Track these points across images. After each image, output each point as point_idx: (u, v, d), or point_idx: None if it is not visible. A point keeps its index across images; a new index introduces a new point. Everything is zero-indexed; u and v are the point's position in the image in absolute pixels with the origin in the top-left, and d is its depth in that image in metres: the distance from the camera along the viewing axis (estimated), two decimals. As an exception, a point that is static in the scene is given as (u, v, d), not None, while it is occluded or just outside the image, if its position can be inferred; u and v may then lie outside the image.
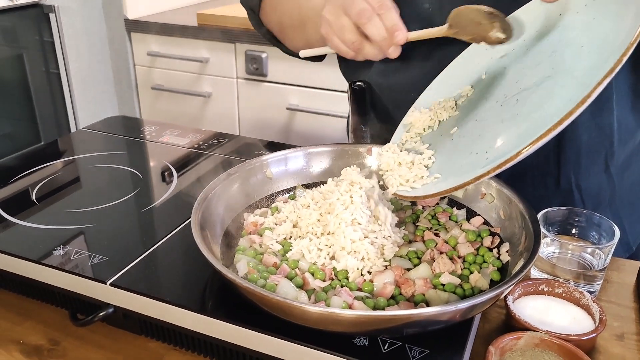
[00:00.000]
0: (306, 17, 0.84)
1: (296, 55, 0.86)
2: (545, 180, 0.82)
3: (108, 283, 0.60)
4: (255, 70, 1.90)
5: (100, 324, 0.64)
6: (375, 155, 0.75)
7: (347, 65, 0.92)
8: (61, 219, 0.73)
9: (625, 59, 0.49)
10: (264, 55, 1.86)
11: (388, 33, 0.64)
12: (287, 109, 1.90)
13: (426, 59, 0.79)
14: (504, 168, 0.52)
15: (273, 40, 0.93)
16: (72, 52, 2.04)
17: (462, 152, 0.62)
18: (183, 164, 0.90)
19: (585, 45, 0.57)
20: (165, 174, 0.87)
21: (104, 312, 0.61)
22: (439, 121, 0.70)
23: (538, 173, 0.82)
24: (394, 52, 0.65)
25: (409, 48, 0.79)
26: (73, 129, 2.11)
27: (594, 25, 0.58)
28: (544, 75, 0.59)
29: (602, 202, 0.85)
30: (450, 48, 0.73)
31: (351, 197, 0.63)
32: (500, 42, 0.66)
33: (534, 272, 0.70)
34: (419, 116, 0.71)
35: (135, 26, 2.05)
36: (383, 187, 0.67)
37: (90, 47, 2.10)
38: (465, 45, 0.72)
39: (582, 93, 0.49)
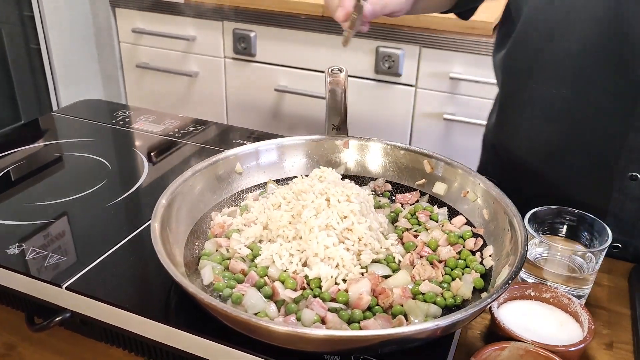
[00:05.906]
0: None
1: None
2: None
3: (64, 287, 0.57)
4: (244, 49, 1.85)
5: (59, 328, 0.61)
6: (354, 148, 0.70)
7: None
8: (19, 213, 0.69)
9: None
10: (252, 35, 1.81)
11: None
12: (276, 90, 1.86)
13: None
14: None
15: None
16: (54, 28, 1.97)
17: None
18: (155, 153, 0.85)
19: None
20: (136, 164, 0.82)
21: (60, 317, 0.58)
22: None
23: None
24: (339, 15, 0.66)
25: None
26: (55, 108, 2.06)
27: None
28: None
29: None
30: None
31: (327, 199, 0.59)
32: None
33: (521, 274, 0.67)
34: None
35: (120, 1, 1.99)
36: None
37: (73, 22, 2.04)
38: None
39: None
